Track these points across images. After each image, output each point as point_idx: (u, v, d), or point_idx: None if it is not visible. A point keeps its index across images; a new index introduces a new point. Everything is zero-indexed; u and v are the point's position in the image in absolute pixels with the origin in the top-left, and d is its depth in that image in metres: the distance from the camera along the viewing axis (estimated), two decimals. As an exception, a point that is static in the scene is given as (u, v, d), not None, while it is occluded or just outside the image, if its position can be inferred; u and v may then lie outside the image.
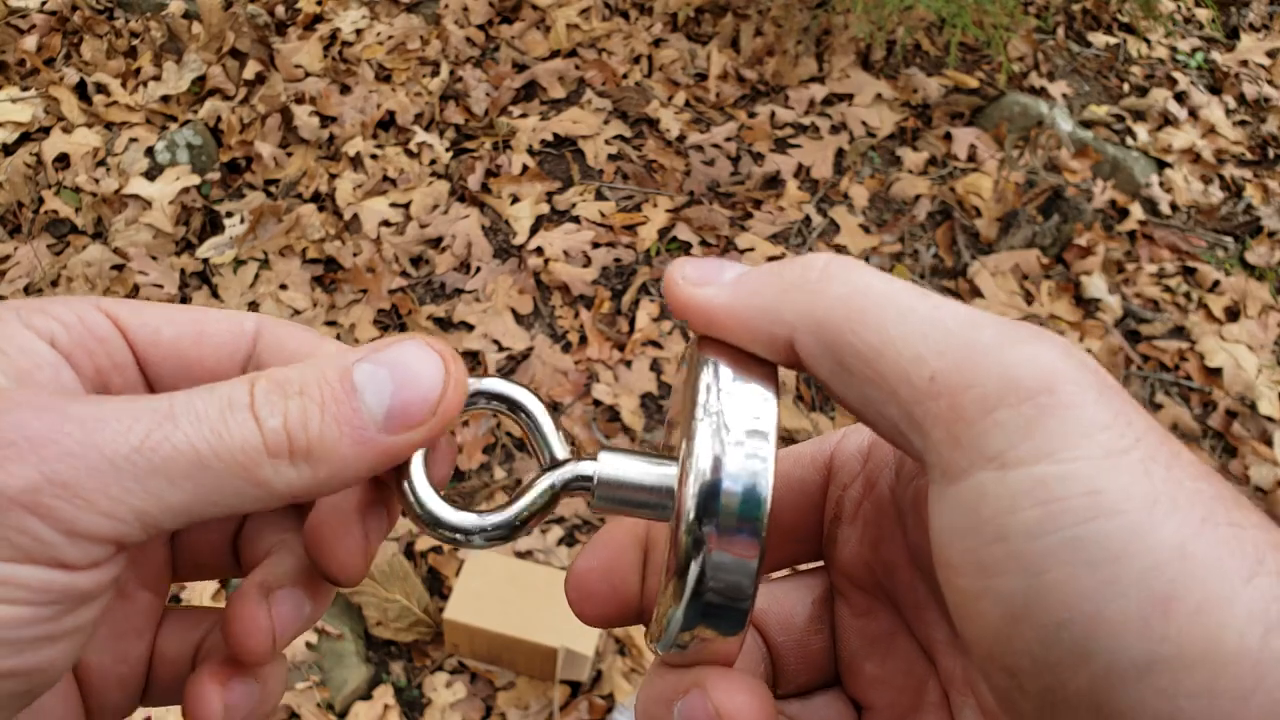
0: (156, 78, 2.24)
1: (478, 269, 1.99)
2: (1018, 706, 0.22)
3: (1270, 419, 1.85)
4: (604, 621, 0.29)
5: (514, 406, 0.29)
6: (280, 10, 2.42)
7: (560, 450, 0.28)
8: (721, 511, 0.23)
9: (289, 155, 2.16)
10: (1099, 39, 2.61)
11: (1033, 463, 0.21)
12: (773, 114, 2.28)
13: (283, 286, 1.93)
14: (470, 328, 1.90)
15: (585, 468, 0.27)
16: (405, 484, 0.27)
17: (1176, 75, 2.52)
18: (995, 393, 0.22)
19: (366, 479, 0.26)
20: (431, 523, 0.27)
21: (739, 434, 0.23)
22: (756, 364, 0.25)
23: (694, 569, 0.23)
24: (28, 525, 0.22)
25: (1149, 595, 0.20)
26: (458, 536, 0.27)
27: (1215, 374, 1.91)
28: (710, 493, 0.23)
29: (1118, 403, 0.22)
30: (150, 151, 2.09)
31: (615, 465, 0.27)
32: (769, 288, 0.25)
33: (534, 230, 2.05)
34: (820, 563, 0.31)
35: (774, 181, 2.17)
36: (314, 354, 0.29)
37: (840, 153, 2.23)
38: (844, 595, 0.30)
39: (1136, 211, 2.17)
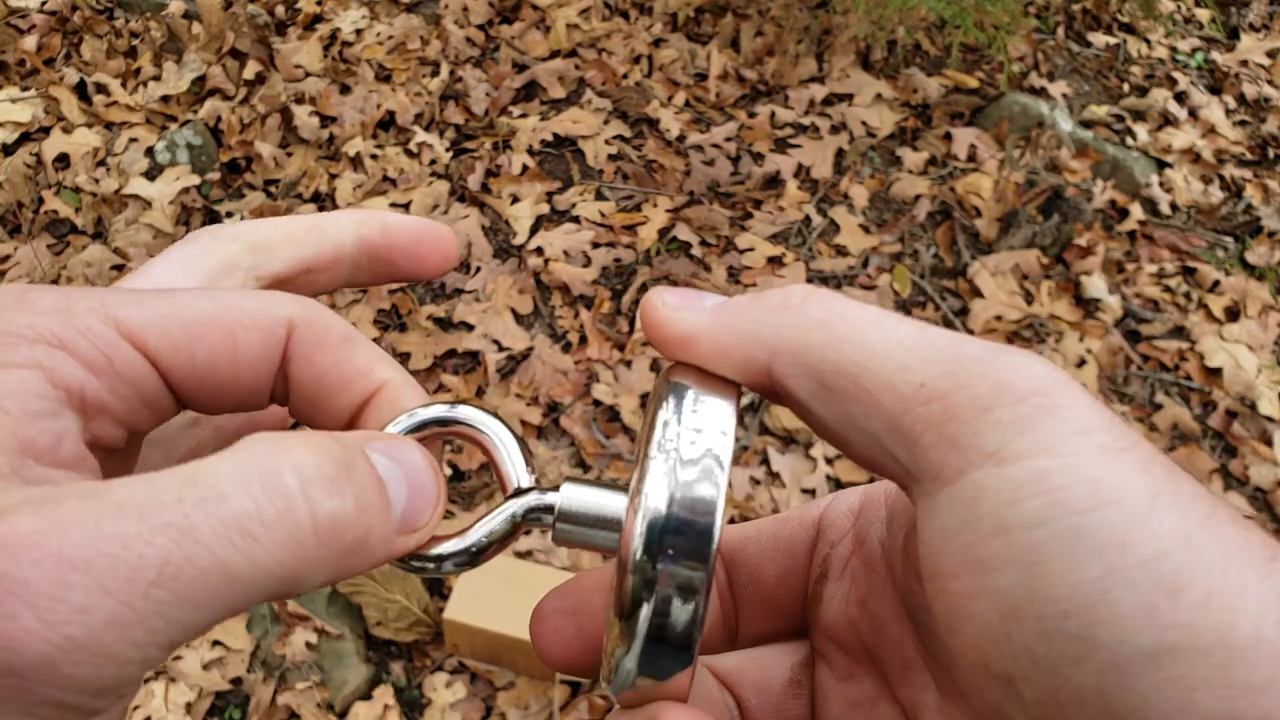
0: (156, 78, 2.24)
1: (478, 269, 1.99)
2: (1013, 718, 0.21)
3: (1270, 419, 1.85)
4: (568, 665, 0.28)
5: (483, 433, 0.28)
6: (280, 10, 2.42)
7: (526, 478, 0.28)
8: (664, 549, 0.23)
9: (289, 155, 2.16)
10: (1099, 39, 2.61)
11: (1032, 456, 0.21)
12: (773, 114, 2.28)
13: (283, 286, 1.93)
14: (470, 328, 1.90)
15: (548, 498, 0.27)
16: None
17: (1176, 75, 2.52)
18: (989, 393, 0.22)
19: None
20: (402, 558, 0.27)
21: (689, 470, 0.23)
22: (721, 391, 0.25)
23: (641, 610, 0.23)
24: (48, 696, 0.19)
25: (1155, 582, 0.19)
26: (418, 565, 0.27)
27: (1215, 374, 1.92)
28: (654, 530, 0.23)
29: (1109, 413, 0.22)
30: (150, 151, 2.09)
31: (577, 497, 0.26)
32: (750, 312, 0.25)
33: (534, 230, 2.05)
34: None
35: (774, 181, 2.17)
36: (342, 363, 0.27)
37: (840, 153, 2.23)
38: (826, 658, 0.29)
39: (1136, 211, 2.17)
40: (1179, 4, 2.74)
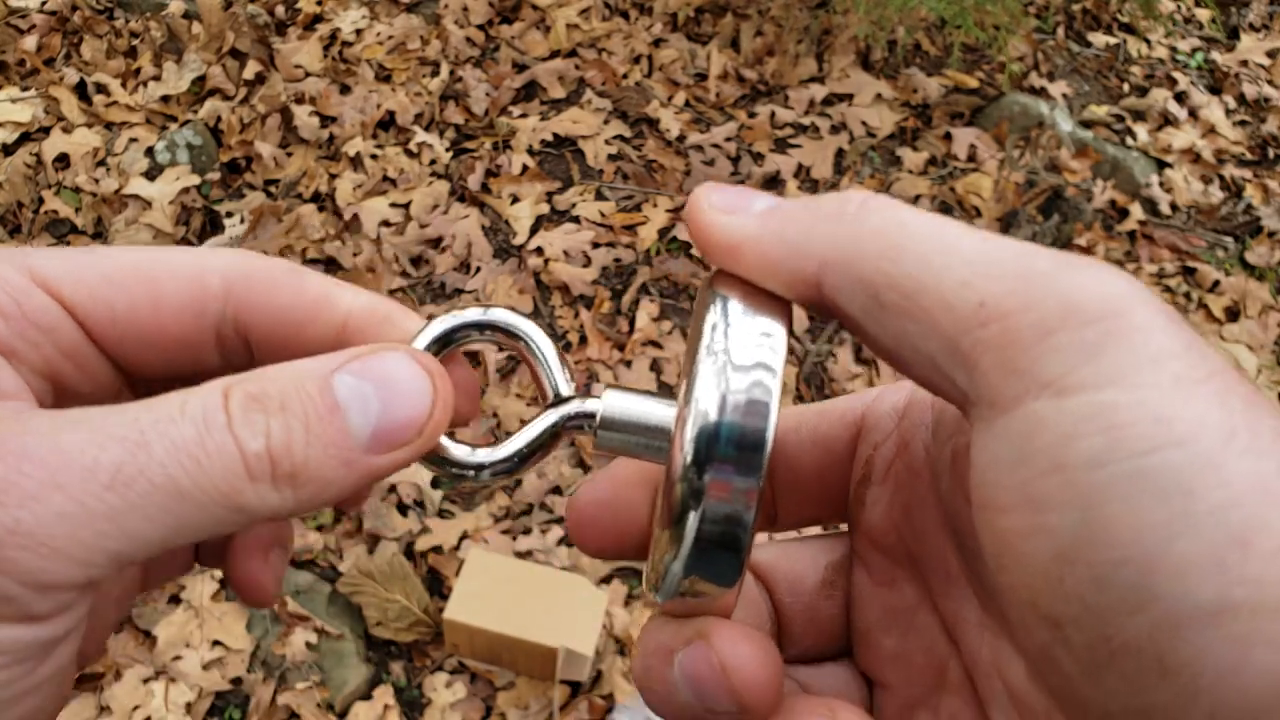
0: (156, 78, 2.24)
1: (478, 269, 1.99)
2: (1060, 666, 0.20)
3: (1270, 419, 1.85)
4: (602, 552, 0.27)
5: (520, 339, 0.28)
6: (280, 10, 2.42)
7: (565, 387, 0.27)
8: (718, 456, 0.22)
9: (289, 155, 2.16)
10: (1099, 39, 2.61)
11: (1095, 388, 0.19)
12: (773, 114, 2.28)
13: (283, 286, 1.93)
14: (470, 328, 1.90)
15: (589, 405, 0.26)
16: None
17: (1176, 75, 2.52)
18: (1054, 316, 0.20)
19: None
20: (435, 460, 0.26)
21: (741, 376, 0.22)
22: (770, 301, 0.24)
23: (689, 516, 0.22)
24: None
25: (1223, 533, 0.17)
26: (465, 473, 0.26)
27: (1215, 374, 1.91)
28: (707, 436, 0.22)
29: (1189, 335, 0.20)
30: (150, 151, 2.09)
31: (620, 404, 0.26)
32: (800, 221, 0.23)
33: (534, 230, 2.05)
34: (842, 525, 0.29)
35: (774, 181, 2.17)
36: (294, 300, 0.26)
37: (840, 153, 2.23)
38: (865, 562, 0.28)
39: (1136, 211, 2.17)
40: (1179, 4, 2.74)
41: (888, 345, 0.22)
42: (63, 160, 2.08)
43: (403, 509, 1.67)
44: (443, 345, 0.27)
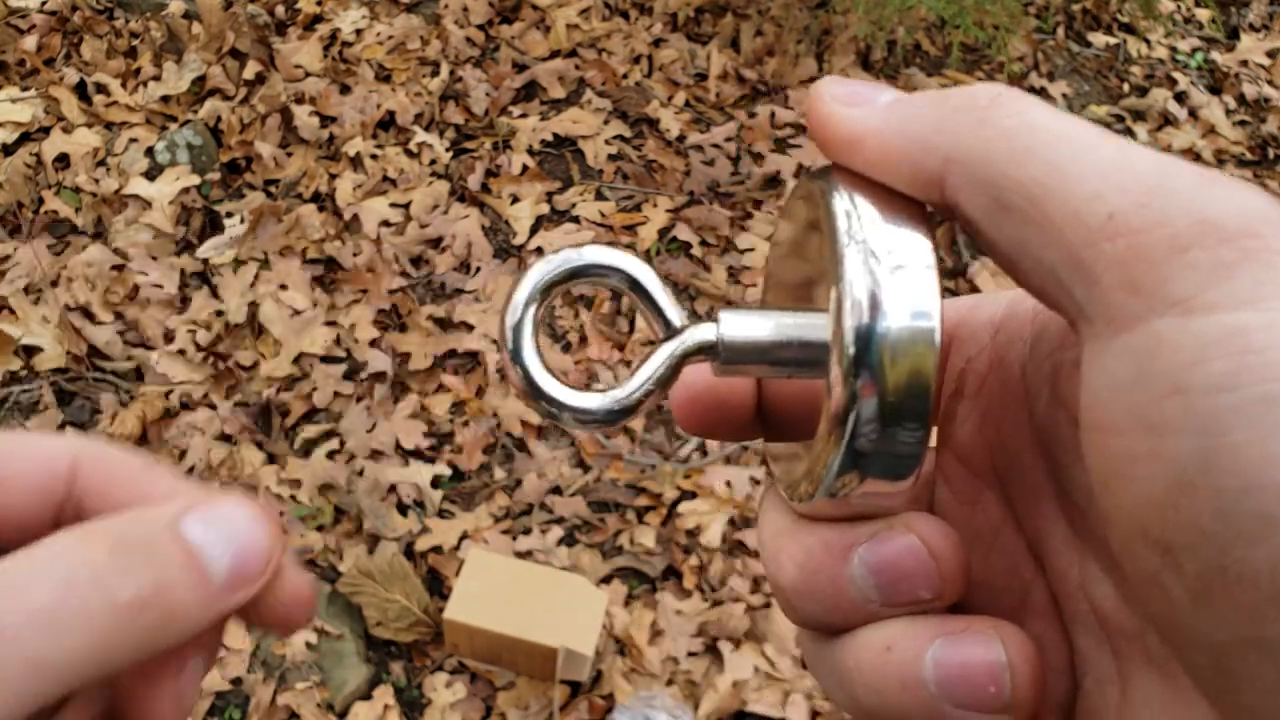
0: (156, 78, 2.24)
1: (478, 269, 1.99)
2: (1168, 593, 0.19)
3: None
4: (712, 433, 0.27)
5: (619, 275, 0.26)
6: (280, 10, 2.42)
7: (676, 317, 0.26)
8: (888, 352, 0.21)
9: (289, 155, 2.16)
10: (1099, 39, 2.61)
11: (1227, 310, 0.18)
12: (773, 114, 2.28)
13: (283, 286, 1.93)
14: (470, 328, 1.90)
15: (706, 332, 0.25)
16: (519, 365, 0.25)
17: (1176, 75, 2.52)
18: (1187, 233, 0.19)
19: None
20: (548, 403, 0.25)
21: (892, 266, 0.21)
22: (900, 197, 0.23)
23: (852, 421, 0.21)
24: None
25: None
26: (582, 417, 0.25)
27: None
28: (871, 330, 0.21)
29: None
30: (150, 151, 2.09)
31: (739, 324, 0.25)
32: (926, 115, 0.22)
33: (534, 230, 2.05)
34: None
35: (774, 181, 2.17)
36: (143, 493, 0.26)
37: (840, 153, 2.23)
38: (949, 480, 0.27)
39: (1136, 211, 2.17)
40: (1179, 4, 2.74)
41: (1005, 251, 0.21)
42: (63, 160, 2.08)
43: (403, 509, 1.67)
44: (544, 294, 0.26)
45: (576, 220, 2.08)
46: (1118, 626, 0.23)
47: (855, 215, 0.22)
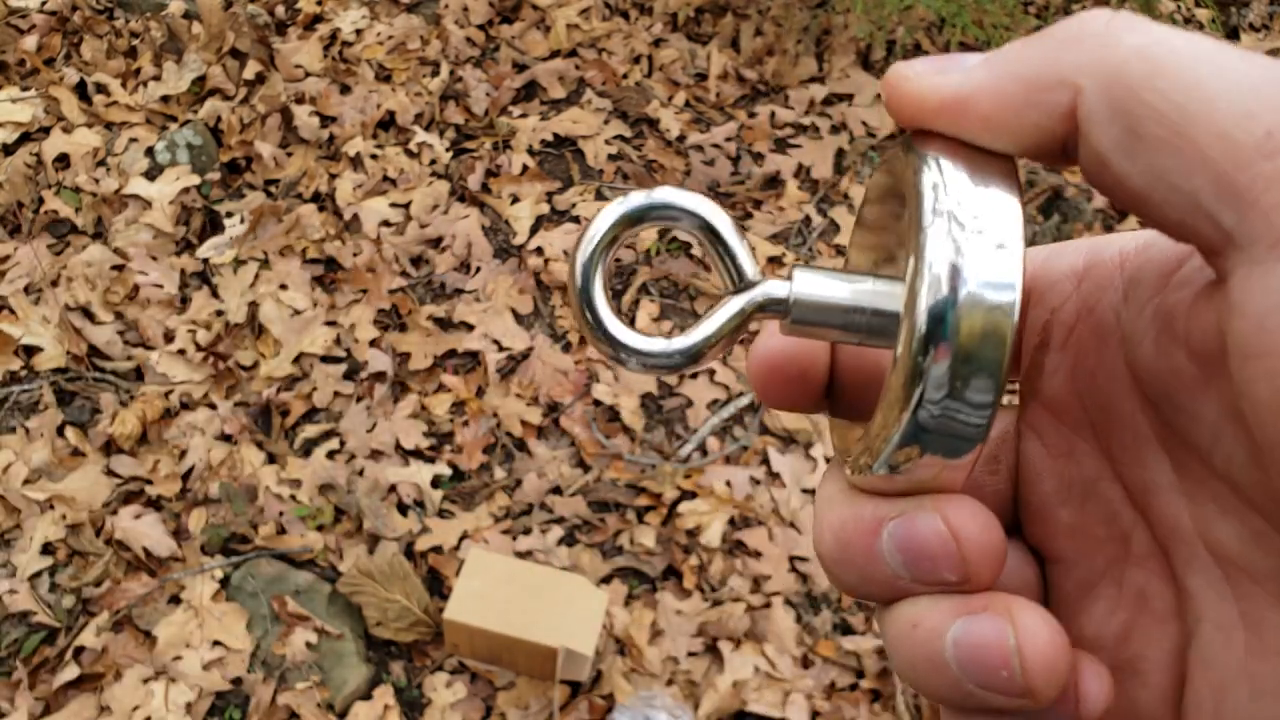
0: (156, 78, 2.24)
1: (478, 269, 1.99)
2: None
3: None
4: (786, 403, 0.26)
5: (694, 220, 0.26)
6: (280, 10, 2.42)
7: (750, 269, 0.25)
8: (960, 332, 0.20)
9: (289, 155, 2.16)
10: (1099, 39, 2.60)
11: None
12: (773, 114, 2.28)
13: (283, 286, 1.93)
14: (470, 328, 1.90)
15: (779, 288, 0.24)
16: (587, 304, 0.25)
17: None
18: None
19: None
20: (613, 345, 0.25)
21: (978, 239, 0.20)
22: (989, 158, 0.22)
23: (919, 394, 0.21)
24: None
25: None
26: (647, 361, 0.25)
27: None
28: (944, 310, 0.20)
29: None
30: (150, 151, 2.09)
31: (813, 284, 0.24)
32: (1040, 50, 0.21)
33: (534, 230, 2.05)
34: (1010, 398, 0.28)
35: (774, 181, 2.17)
36: None
37: (840, 153, 2.23)
38: (1040, 433, 0.26)
39: (1136, 211, 2.17)
40: (1179, 4, 2.74)
41: (1135, 186, 0.20)
42: (63, 160, 2.08)
43: (403, 509, 1.67)
44: (618, 233, 0.25)
45: (577, 220, 2.08)
46: (1245, 568, 0.22)
47: (943, 186, 0.21)
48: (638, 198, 0.25)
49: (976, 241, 0.20)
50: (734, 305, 0.25)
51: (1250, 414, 0.20)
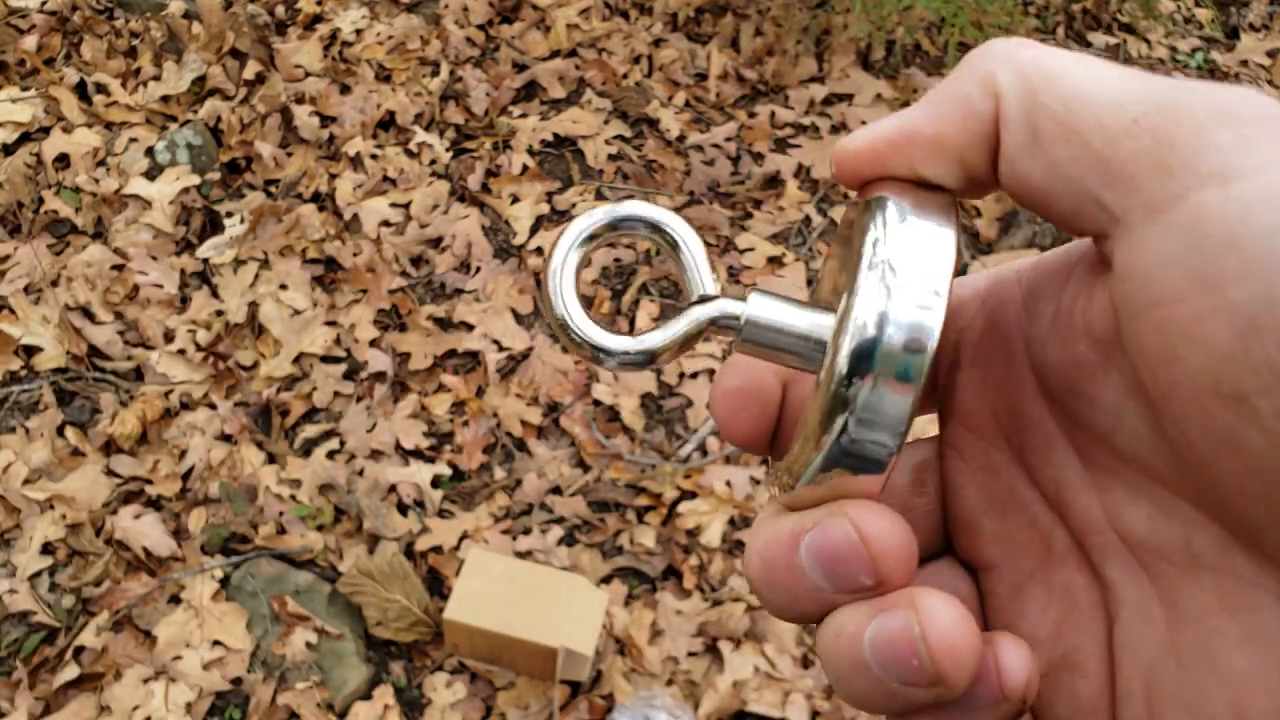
0: (156, 78, 2.24)
1: (478, 269, 1.99)
2: (1244, 443, 0.20)
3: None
4: (751, 439, 0.28)
5: (661, 233, 0.27)
6: (280, 10, 2.42)
7: (710, 285, 0.27)
8: (877, 369, 0.22)
9: (289, 155, 2.16)
10: (1099, 39, 2.61)
11: (1261, 171, 0.20)
12: (773, 114, 2.28)
13: (283, 286, 1.93)
14: (470, 328, 1.90)
15: (734, 307, 0.26)
16: (558, 305, 0.27)
17: (1176, 75, 2.52)
18: (1208, 119, 0.21)
19: None
20: (572, 336, 0.27)
21: (907, 286, 0.22)
22: (932, 201, 0.24)
23: (837, 424, 0.23)
24: None
25: None
26: (597, 355, 0.27)
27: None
28: (867, 349, 0.22)
29: None
30: (150, 151, 2.09)
31: (766, 308, 0.26)
32: (963, 73, 0.24)
33: (534, 230, 2.05)
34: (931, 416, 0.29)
35: (774, 181, 2.17)
36: None
37: (840, 153, 2.23)
38: (959, 449, 0.28)
39: (1136, 211, 2.17)
40: (1179, 4, 2.74)
41: (1037, 184, 0.23)
42: (63, 160, 2.08)
43: (403, 509, 1.67)
44: (587, 242, 0.27)
45: (576, 220, 2.08)
46: (1153, 545, 0.24)
47: (884, 237, 0.23)
48: (609, 209, 0.27)
49: (906, 289, 0.22)
50: (692, 315, 0.27)
51: (1145, 372, 0.22)
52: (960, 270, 0.23)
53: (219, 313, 1.89)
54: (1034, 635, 0.26)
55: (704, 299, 0.27)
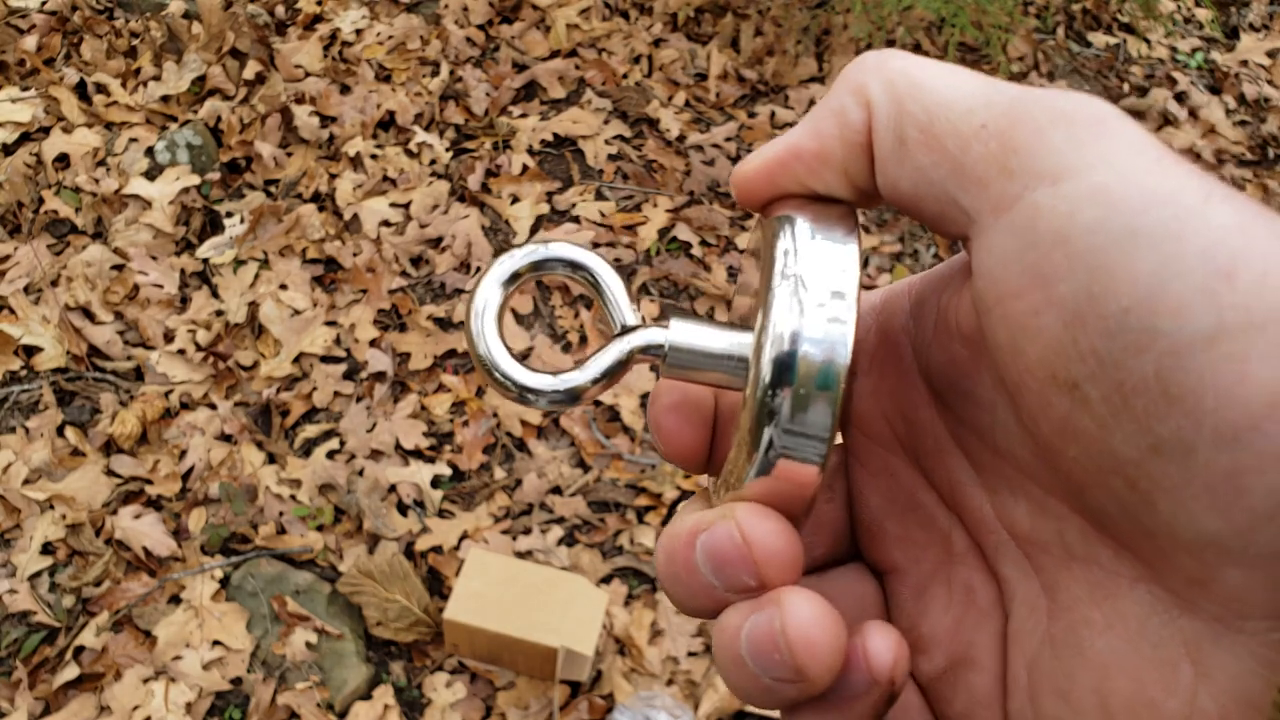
0: (156, 78, 2.24)
1: (478, 269, 1.99)
2: (1079, 429, 0.21)
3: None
4: (689, 454, 0.29)
5: (582, 271, 0.29)
6: (280, 10, 2.42)
7: (631, 316, 0.28)
8: (797, 379, 0.23)
9: (289, 155, 2.16)
10: (1099, 39, 2.61)
11: (1088, 171, 0.21)
12: (773, 114, 2.28)
13: (283, 286, 1.93)
14: (470, 328, 1.89)
15: (656, 335, 0.27)
16: (482, 345, 0.28)
17: (1176, 75, 2.52)
18: (1048, 123, 0.22)
19: None
20: (500, 380, 0.27)
21: (817, 298, 0.24)
22: (832, 213, 0.25)
23: (766, 435, 0.24)
24: None
25: (1211, 268, 0.19)
26: (528, 396, 0.28)
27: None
28: (786, 361, 0.23)
29: (1161, 143, 0.22)
30: (150, 151, 2.09)
31: (687, 333, 0.27)
32: (838, 86, 0.25)
33: (534, 230, 2.05)
34: None
35: (774, 181, 2.17)
36: None
37: (840, 153, 2.23)
38: (860, 456, 0.29)
39: (1136, 211, 2.16)
40: (1179, 4, 2.74)
41: (906, 190, 0.24)
42: (63, 160, 2.08)
43: (403, 509, 1.67)
44: (510, 282, 0.28)
45: (577, 220, 2.08)
46: (1035, 539, 0.25)
47: (792, 251, 0.24)
48: (530, 249, 0.28)
49: (817, 301, 0.24)
50: (617, 347, 0.28)
51: (1000, 367, 0.23)
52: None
53: (219, 313, 1.89)
54: (934, 634, 0.27)
55: (626, 330, 0.28)
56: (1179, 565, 0.21)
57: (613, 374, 0.28)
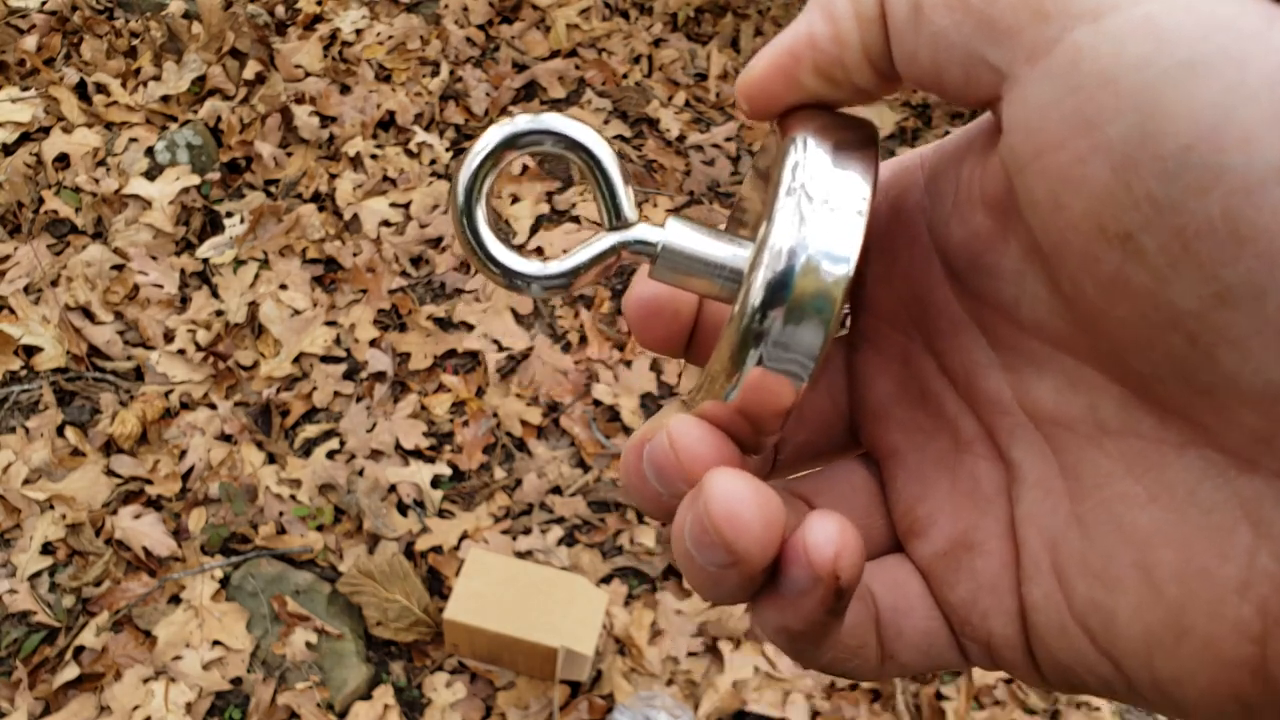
0: (156, 78, 2.24)
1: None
2: (1132, 284, 0.20)
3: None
4: (662, 344, 0.28)
5: (579, 150, 0.26)
6: (280, 10, 2.42)
7: (628, 209, 0.26)
8: (791, 301, 0.22)
9: (289, 155, 2.16)
10: (1099, 39, 2.61)
11: (1132, 4, 0.19)
12: (773, 114, 2.28)
13: (283, 286, 1.93)
14: (470, 328, 1.90)
15: (652, 233, 0.26)
16: (467, 222, 0.26)
17: None
18: None
19: None
20: (494, 265, 0.26)
21: (823, 211, 0.22)
22: (853, 130, 0.24)
23: (752, 357, 0.23)
24: None
25: None
26: (516, 282, 0.26)
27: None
28: (782, 281, 0.22)
29: None
30: (150, 151, 2.09)
31: (683, 236, 0.26)
32: None
33: (534, 230, 2.05)
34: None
35: (774, 181, 2.17)
36: None
37: (840, 153, 2.23)
38: (873, 340, 0.28)
39: (1136, 211, 2.17)
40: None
41: (927, 59, 0.22)
42: (63, 160, 2.09)
43: (403, 509, 1.67)
44: (500, 153, 0.26)
45: (577, 220, 2.08)
46: (1060, 418, 0.24)
47: (802, 164, 0.23)
48: (523, 121, 0.26)
49: (822, 214, 0.22)
50: (609, 239, 0.26)
51: (1037, 228, 0.22)
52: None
53: (219, 313, 1.89)
54: (933, 518, 0.26)
55: (621, 224, 0.26)
56: (1240, 422, 0.20)
57: (601, 263, 0.26)
